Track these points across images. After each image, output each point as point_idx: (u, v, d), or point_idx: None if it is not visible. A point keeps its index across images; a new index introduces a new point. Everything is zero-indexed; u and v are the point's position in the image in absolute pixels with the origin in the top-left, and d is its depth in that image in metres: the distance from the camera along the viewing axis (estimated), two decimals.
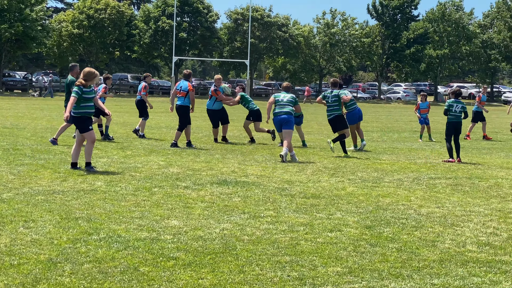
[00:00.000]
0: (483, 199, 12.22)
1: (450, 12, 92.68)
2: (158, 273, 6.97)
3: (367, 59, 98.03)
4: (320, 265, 7.46)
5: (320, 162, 17.14)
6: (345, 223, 9.67)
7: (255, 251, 7.93)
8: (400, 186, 13.38)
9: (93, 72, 14.10)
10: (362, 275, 7.12)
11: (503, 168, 17.06)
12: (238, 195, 11.69)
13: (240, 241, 8.39)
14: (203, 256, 7.64)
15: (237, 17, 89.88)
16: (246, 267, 7.27)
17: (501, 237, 9.12)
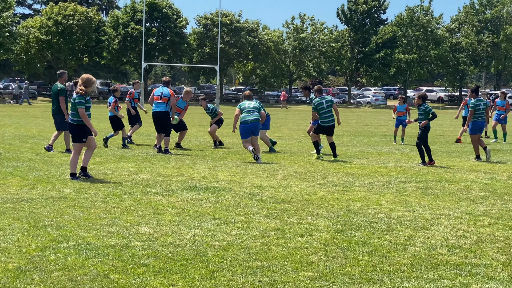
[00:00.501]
0: (453, 202, 12.28)
1: (419, 17, 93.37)
2: (128, 280, 6.91)
3: (336, 64, 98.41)
4: (292, 270, 7.45)
5: (290, 167, 17.15)
6: (316, 227, 9.66)
7: (226, 256, 7.90)
8: (371, 190, 13.42)
9: (91, 78, 13.89)
10: (333, 280, 7.12)
11: (473, 171, 17.17)
12: (209, 200, 11.66)
13: (211, 247, 8.36)
14: (174, 262, 7.59)
15: (206, 22, 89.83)
16: (217, 273, 7.23)
17: (471, 240, 9.16)
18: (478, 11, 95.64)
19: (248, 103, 18.76)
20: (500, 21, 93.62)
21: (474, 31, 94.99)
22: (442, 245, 8.78)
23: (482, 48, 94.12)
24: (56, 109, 19.14)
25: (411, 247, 8.65)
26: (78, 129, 13.80)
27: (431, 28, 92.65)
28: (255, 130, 18.46)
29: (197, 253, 8.03)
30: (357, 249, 8.46)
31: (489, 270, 7.63)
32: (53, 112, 19.33)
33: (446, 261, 8.00)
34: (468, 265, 7.83)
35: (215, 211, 10.72)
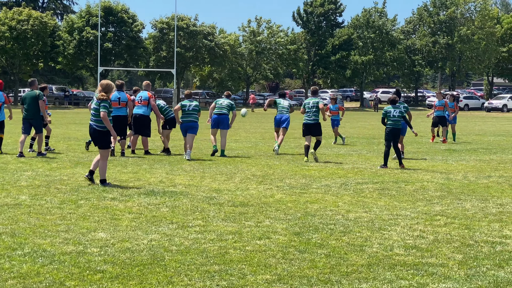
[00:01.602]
0: (410, 202, 12.37)
1: (374, 19, 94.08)
2: (84, 287, 6.83)
3: (293, 66, 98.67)
4: (249, 273, 7.43)
5: (248, 170, 17.13)
6: (273, 230, 9.66)
7: (184, 261, 7.85)
8: (328, 192, 13.46)
9: (110, 84, 14.12)
10: (291, 282, 7.11)
11: (429, 172, 17.33)
12: (166, 205, 11.59)
13: (169, 251, 8.30)
14: (131, 268, 7.53)
15: (162, 26, 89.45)
16: (175, 278, 7.18)
17: (428, 239, 9.23)
18: (432, 13, 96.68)
19: (189, 104, 19.96)
20: (454, 23, 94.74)
21: (428, 33, 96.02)
22: (399, 246, 8.83)
23: (437, 49, 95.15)
24: (32, 113, 19.57)
25: (369, 248, 8.68)
26: (106, 135, 13.89)
27: (387, 30, 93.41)
28: (191, 129, 19.75)
29: (154, 258, 7.97)
30: (315, 251, 8.46)
31: (446, 270, 7.69)
32: (27, 116, 19.64)
33: (403, 261, 8.04)
34: (425, 265, 7.88)
35: (173, 215, 10.66)
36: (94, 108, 13.96)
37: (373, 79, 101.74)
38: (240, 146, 24.40)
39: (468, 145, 27.05)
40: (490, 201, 12.64)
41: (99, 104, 13.82)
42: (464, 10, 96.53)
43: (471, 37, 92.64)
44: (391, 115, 18.36)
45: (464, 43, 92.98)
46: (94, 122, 13.96)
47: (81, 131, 31.81)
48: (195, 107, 19.92)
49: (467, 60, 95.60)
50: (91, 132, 14.10)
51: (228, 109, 21.08)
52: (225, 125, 20.91)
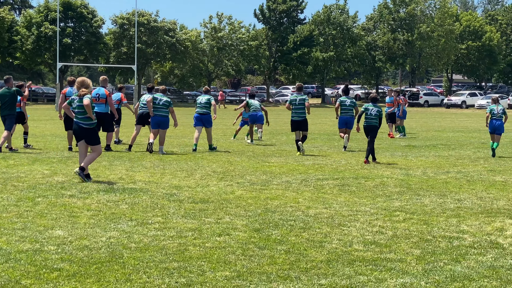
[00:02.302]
0: (369, 198, 12.43)
1: (335, 15, 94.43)
2: (41, 285, 6.75)
3: (255, 63, 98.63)
4: (209, 270, 7.40)
5: (209, 166, 17.09)
6: (233, 227, 9.64)
7: (143, 258, 7.80)
8: (288, 188, 13.47)
9: (87, 79, 14.38)
10: (251, 279, 7.10)
11: (388, 167, 17.44)
12: (126, 202, 11.51)
13: (127, 249, 8.24)
14: (89, 266, 7.45)
15: (123, 22, 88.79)
16: (133, 275, 7.13)
17: (387, 235, 9.28)
18: (392, 10, 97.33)
19: (160, 98, 20.25)
20: (414, 20, 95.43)
21: (389, 30, 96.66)
22: (358, 241, 8.86)
23: (397, 46, 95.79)
24: (8, 110, 19.94)
25: (328, 244, 8.70)
26: (94, 131, 14.16)
27: (347, 27, 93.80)
28: (162, 124, 20.13)
29: (112, 255, 7.90)
30: (275, 247, 8.46)
31: (404, 265, 7.74)
32: (3, 113, 19.98)
33: (362, 257, 8.07)
34: (384, 260, 7.92)
35: (132, 212, 10.59)
36: (79, 106, 14.00)
37: (334, 76, 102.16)
38: (201, 143, 24.32)
39: (427, 141, 27.29)
40: (448, 196, 12.76)
41: (82, 100, 13.92)
42: (424, 7, 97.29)
43: (431, 34, 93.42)
44: (368, 113, 18.99)
45: (424, 40, 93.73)
46: (81, 120, 14.03)
47: (39, 128, 31.49)
48: (165, 102, 20.12)
49: (427, 57, 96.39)
50: (76, 130, 14.13)
51: (208, 106, 21.77)
52: (209, 124, 21.66)
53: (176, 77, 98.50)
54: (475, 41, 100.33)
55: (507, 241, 9.03)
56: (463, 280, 7.19)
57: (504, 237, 9.31)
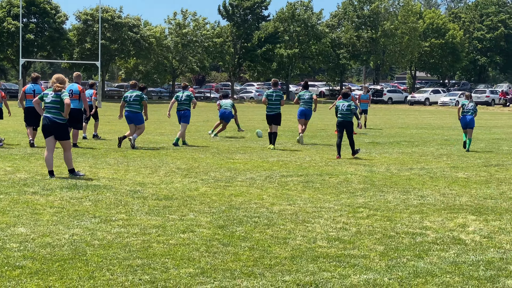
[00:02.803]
0: (333, 195, 12.48)
1: (300, 12, 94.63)
2: (2, 283, 6.67)
3: (219, 59, 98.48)
4: (173, 267, 7.38)
5: (173, 163, 17.03)
6: (198, 223, 9.62)
7: (106, 255, 7.75)
8: (253, 185, 13.48)
9: (63, 76, 14.51)
10: (215, 275, 7.09)
11: (352, 164, 17.52)
12: (89, 199, 11.43)
13: (91, 246, 8.19)
14: (51, 263, 7.39)
15: (86, 18, 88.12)
16: (96, 273, 7.08)
17: (350, 231, 9.32)
18: (357, 8, 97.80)
19: (130, 94, 20.77)
20: (378, 17, 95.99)
21: (353, 27, 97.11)
22: (322, 238, 8.89)
23: (361, 43, 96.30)
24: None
25: (292, 240, 8.72)
26: (65, 127, 14.22)
27: (312, 24, 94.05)
28: (134, 118, 20.62)
29: (75, 253, 7.84)
30: (239, 244, 8.46)
31: (367, 261, 7.78)
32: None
33: (326, 253, 8.10)
34: (347, 257, 7.95)
35: (95, 209, 10.52)
36: (53, 101, 13.98)
37: (298, 73, 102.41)
38: (165, 139, 24.25)
39: (391, 138, 27.47)
40: (412, 193, 12.85)
41: (59, 96, 13.94)
42: (387, 5, 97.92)
43: (395, 31, 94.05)
44: (340, 108, 19.44)
45: (388, 37, 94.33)
46: (53, 115, 13.98)
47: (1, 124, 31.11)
48: (136, 97, 20.58)
49: (390, 54, 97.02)
50: (48, 124, 14.01)
51: (188, 102, 22.35)
52: (186, 120, 22.12)
53: (140, 74, 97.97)
54: (438, 38, 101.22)
55: (469, 237, 9.12)
56: (425, 276, 7.25)
57: (466, 233, 9.40)
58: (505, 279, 7.21)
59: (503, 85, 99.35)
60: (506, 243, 8.84)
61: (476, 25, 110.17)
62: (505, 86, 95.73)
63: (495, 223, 10.12)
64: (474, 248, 8.52)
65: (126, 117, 20.67)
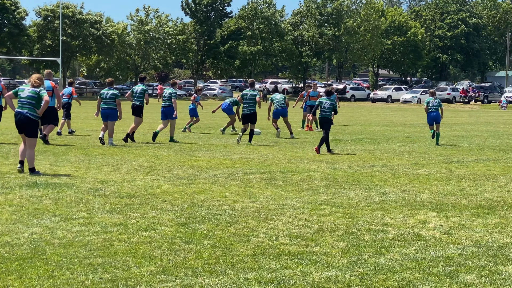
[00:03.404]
0: (296, 192, 12.49)
1: (262, 10, 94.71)
2: None
3: (182, 56, 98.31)
4: (134, 265, 7.33)
5: (135, 161, 16.94)
6: (160, 221, 9.57)
7: (66, 254, 7.68)
8: (215, 182, 13.45)
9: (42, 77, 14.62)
10: (176, 273, 7.06)
11: (315, 161, 17.56)
12: (49, 197, 11.31)
13: (50, 245, 8.10)
14: (10, 262, 7.30)
15: (47, 14, 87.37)
16: (56, 272, 7.01)
17: (312, 228, 9.34)
18: (319, 5, 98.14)
19: (107, 92, 21.23)
20: (340, 15, 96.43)
21: (315, 24, 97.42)
22: (285, 235, 8.90)
23: (324, 40, 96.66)
24: None
25: (254, 238, 8.72)
26: (36, 124, 14.16)
27: (275, 21, 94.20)
28: (110, 116, 20.98)
29: (35, 252, 7.76)
30: (201, 241, 8.44)
31: (329, 258, 7.80)
32: None
33: (288, 250, 8.11)
34: (309, 254, 7.97)
35: (56, 207, 10.42)
36: (30, 97, 13.94)
37: (262, 70, 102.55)
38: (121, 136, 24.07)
39: (353, 135, 27.60)
40: (373, 190, 12.92)
41: (37, 92, 13.97)
42: (350, 2, 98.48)
43: (357, 29, 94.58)
44: (322, 106, 20.07)
45: (350, 35, 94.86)
46: (28, 110, 13.92)
47: None
48: (112, 95, 21.03)
49: (353, 52, 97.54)
50: (21, 120, 13.93)
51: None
52: (112, 117, 21.23)
53: (102, 70, 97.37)
54: (400, 36, 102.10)
55: (430, 233, 9.19)
56: (386, 272, 7.29)
57: (427, 229, 9.47)
58: (464, 274, 7.28)
59: (464, 83, 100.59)
60: (465, 239, 8.92)
61: (437, 23, 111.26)
62: (465, 84, 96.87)
63: (455, 219, 10.21)
64: (434, 245, 8.59)
65: (103, 114, 21.04)
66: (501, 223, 10.00)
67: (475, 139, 26.60)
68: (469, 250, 8.31)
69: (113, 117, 20.92)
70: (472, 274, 7.29)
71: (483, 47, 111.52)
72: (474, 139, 26.59)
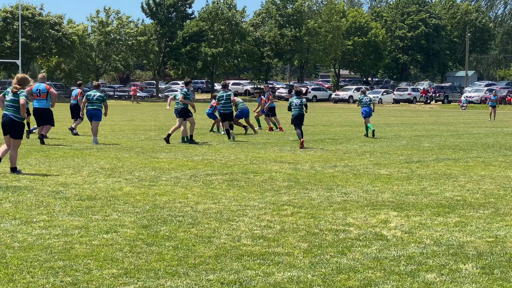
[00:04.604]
0: (258, 193, 12.51)
1: (223, 11, 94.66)
2: None
3: (144, 58, 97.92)
4: (95, 268, 7.28)
5: (96, 163, 16.83)
6: (121, 223, 9.52)
7: (27, 258, 7.61)
8: (177, 184, 13.42)
9: (27, 78, 14.98)
10: (138, 276, 7.03)
11: (277, 162, 17.60)
12: (9, 200, 11.20)
13: (10, 248, 8.02)
14: None
15: (6, 15, 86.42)
16: (16, 275, 6.94)
17: (275, 229, 9.36)
18: (280, 6, 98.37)
19: (94, 94, 22.47)
20: (301, 16, 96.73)
21: (277, 25, 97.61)
22: (247, 236, 8.90)
23: (285, 41, 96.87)
24: None
25: (216, 239, 8.71)
26: (22, 126, 14.65)
27: (236, 22, 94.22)
28: (95, 116, 22.41)
29: None
30: (163, 243, 8.41)
31: (291, 258, 7.82)
32: None
33: (250, 251, 8.12)
34: (271, 254, 7.98)
35: (16, 211, 10.31)
36: (13, 100, 14.43)
37: (223, 71, 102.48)
38: (88, 139, 23.94)
39: (315, 136, 27.71)
40: (335, 190, 12.98)
41: (17, 95, 14.41)
42: (311, 3, 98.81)
43: (318, 30, 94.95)
44: (294, 104, 22.21)
45: (312, 36, 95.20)
46: (12, 113, 14.43)
47: None
48: (99, 97, 22.45)
49: (314, 52, 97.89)
50: (6, 122, 14.50)
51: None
52: (97, 117, 22.56)
53: (63, 72, 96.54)
54: (361, 37, 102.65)
55: (391, 233, 9.26)
56: (348, 272, 7.33)
57: (388, 229, 9.54)
58: (425, 273, 7.34)
59: (424, 83, 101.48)
60: (426, 238, 9.00)
61: (397, 24, 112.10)
62: (426, 84, 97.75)
63: (416, 218, 10.30)
64: (396, 244, 8.66)
65: (88, 114, 22.46)
66: (461, 221, 10.11)
67: (435, 139, 26.86)
68: (430, 249, 8.39)
69: (97, 117, 22.33)
70: (433, 273, 7.36)
71: (442, 48, 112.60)
72: (434, 139, 26.85)
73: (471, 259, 7.96)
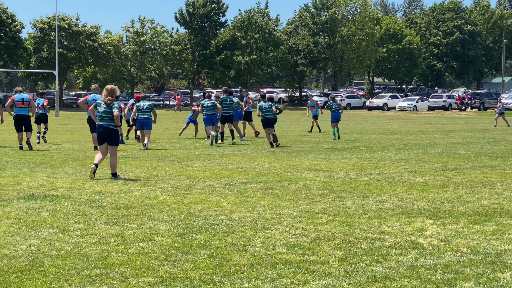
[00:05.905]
0: (292, 201, 12.51)
1: (257, 19, 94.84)
2: None
3: (178, 67, 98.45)
4: (131, 276, 7.34)
5: (132, 171, 16.95)
6: (157, 232, 9.58)
7: (64, 266, 7.69)
8: (212, 192, 13.46)
9: (115, 88, 16.00)
10: (174, 284, 7.07)
11: (311, 170, 17.58)
12: (47, 209, 11.32)
13: (48, 256, 8.11)
14: (8, 275, 7.31)
15: (43, 26, 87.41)
16: (54, 284, 7.02)
17: (309, 237, 9.35)
18: (314, 14, 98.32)
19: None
20: (335, 23, 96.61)
21: (310, 33, 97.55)
22: (282, 244, 8.91)
23: (319, 49, 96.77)
24: None
25: (251, 247, 8.73)
26: (118, 133, 16.05)
27: (269, 30, 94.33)
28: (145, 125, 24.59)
29: (33, 264, 7.76)
30: (198, 252, 8.45)
31: (326, 267, 7.81)
32: None
33: (285, 259, 8.12)
34: (306, 263, 7.98)
35: (53, 219, 10.43)
36: (106, 111, 15.65)
37: (257, 79, 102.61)
38: (124, 148, 24.11)
39: (350, 144, 27.62)
40: (370, 198, 12.93)
41: (110, 107, 15.60)
42: (345, 11, 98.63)
43: (352, 37, 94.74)
44: (263, 107, 24.56)
45: (345, 43, 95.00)
46: (108, 122, 15.66)
47: None
48: (149, 106, 24.69)
49: (348, 60, 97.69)
50: (104, 131, 15.67)
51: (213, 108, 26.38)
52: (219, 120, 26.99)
53: (98, 82, 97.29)
54: (395, 44, 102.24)
55: (427, 241, 9.21)
56: (384, 281, 7.30)
57: (424, 237, 9.49)
58: (462, 282, 7.29)
59: (460, 90, 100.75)
60: (463, 246, 8.94)
61: (432, 31, 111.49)
62: (461, 91, 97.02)
63: (452, 226, 10.23)
64: (432, 252, 8.60)
65: (139, 123, 24.67)
66: (498, 230, 10.02)
67: (471, 146, 26.63)
68: (466, 258, 8.33)
69: (149, 126, 24.37)
70: (470, 282, 7.31)
71: (478, 54, 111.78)
72: (470, 146, 26.62)
73: (509, 267, 7.89)
